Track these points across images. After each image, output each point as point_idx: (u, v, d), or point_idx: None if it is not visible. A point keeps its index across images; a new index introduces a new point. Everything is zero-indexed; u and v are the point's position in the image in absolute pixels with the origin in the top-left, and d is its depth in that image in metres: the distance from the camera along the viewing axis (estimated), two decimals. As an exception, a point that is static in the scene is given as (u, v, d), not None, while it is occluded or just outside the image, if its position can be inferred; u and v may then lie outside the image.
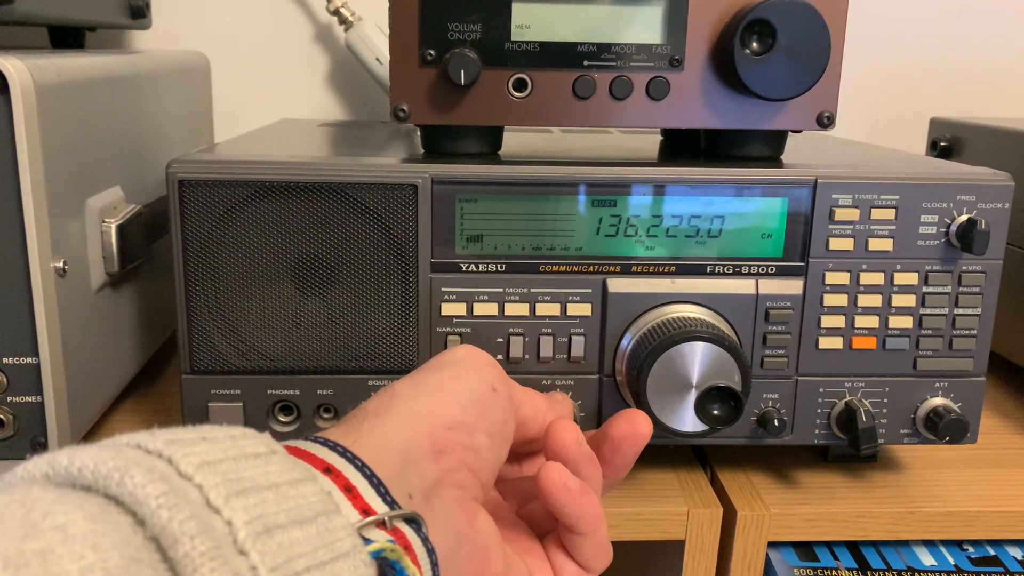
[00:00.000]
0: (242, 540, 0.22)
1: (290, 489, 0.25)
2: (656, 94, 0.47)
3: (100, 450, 0.23)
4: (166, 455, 0.23)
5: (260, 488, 0.24)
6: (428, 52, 0.45)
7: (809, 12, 0.45)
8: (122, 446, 0.24)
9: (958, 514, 0.50)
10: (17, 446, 0.47)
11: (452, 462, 0.32)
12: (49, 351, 0.45)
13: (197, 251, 0.45)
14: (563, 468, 0.36)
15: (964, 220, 0.47)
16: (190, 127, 0.73)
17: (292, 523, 0.24)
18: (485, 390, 0.35)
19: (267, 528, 0.23)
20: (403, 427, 0.32)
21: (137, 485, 0.22)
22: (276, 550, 0.23)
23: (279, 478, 0.25)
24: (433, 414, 0.33)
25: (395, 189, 0.45)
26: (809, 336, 0.48)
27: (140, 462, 0.22)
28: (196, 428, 0.26)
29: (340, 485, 0.28)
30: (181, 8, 0.83)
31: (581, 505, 0.36)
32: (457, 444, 0.33)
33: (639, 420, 0.40)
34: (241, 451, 0.25)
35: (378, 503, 0.28)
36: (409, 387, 0.34)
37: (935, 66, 0.91)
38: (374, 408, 0.33)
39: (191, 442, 0.24)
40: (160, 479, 0.22)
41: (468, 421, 0.34)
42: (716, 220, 0.47)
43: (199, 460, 0.23)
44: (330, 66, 0.86)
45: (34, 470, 0.23)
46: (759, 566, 0.49)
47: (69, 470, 0.23)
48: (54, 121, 0.45)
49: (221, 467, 0.24)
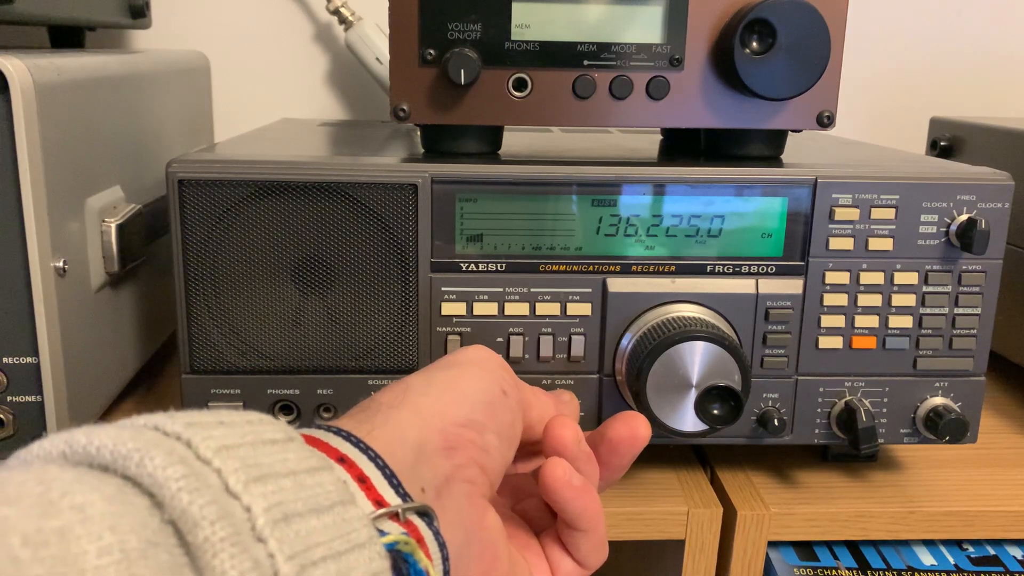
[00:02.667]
0: (260, 527, 0.22)
1: (307, 477, 0.25)
2: (656, 94, 0.47)
3: (119, 430, 0.23)
4: (184, 438, 0.23)
5: (278, 475, 0.24)
6: (428, 52, 0.45)
7: (809, 12, 0.45)
8: (140, 427, 0.23)
9: (958, 514, 0.50)
10: (17, 446, 0.46)
11: (463, 458, 0.33)
12: (49, 351, 0.45)
13: (197, 251, 0.45)
14: (566, 464, 0.36)
15: (964, 220, 0.47)
16: (190, 127, 0.73)
17: (309, 512, 0.24)
18: (496, 392, 0.35)
19: (285, 516, 0.23)
20: (416, 422, 0.32)
21: (157, 467, 0.21)
22: (294, 538, 0.23)
23: (297, 466, 0.25)
24: (445, 411, 0.33)
25: (395, 189, 0.45)
26: (809, 336, 0.48)
27: (159, 444, 0.22)
28: (213, 412, 0.25)
29: (354, 475, 0.28)
30: (181, 8, 0.83)
31: (583, 502, 0.36)
32: (469, 442, 0.33)
33: (638, 423, 0.40)
34: (259, 437, 0.25)
35: (391, 495, 0.28)
36: (422, 383, 0.34)
37: (935, 66, 0.91)
38: (387, 400, 0.33)
39: (210, 426, 0.24)
40: (180, 462, 0.22)
41: (479, 420, 0.34)
42: (716, 220, 0.47)
43: (218, 444, 0.23)
44: (330, 66, 0.86)
45: (51, 448, 0.23)
46: (759, 566, 0.49)
47: (87, 449, 0.22)
48: (54, 121, 0.45)
49: (239, 452, 0.24)
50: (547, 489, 0.36)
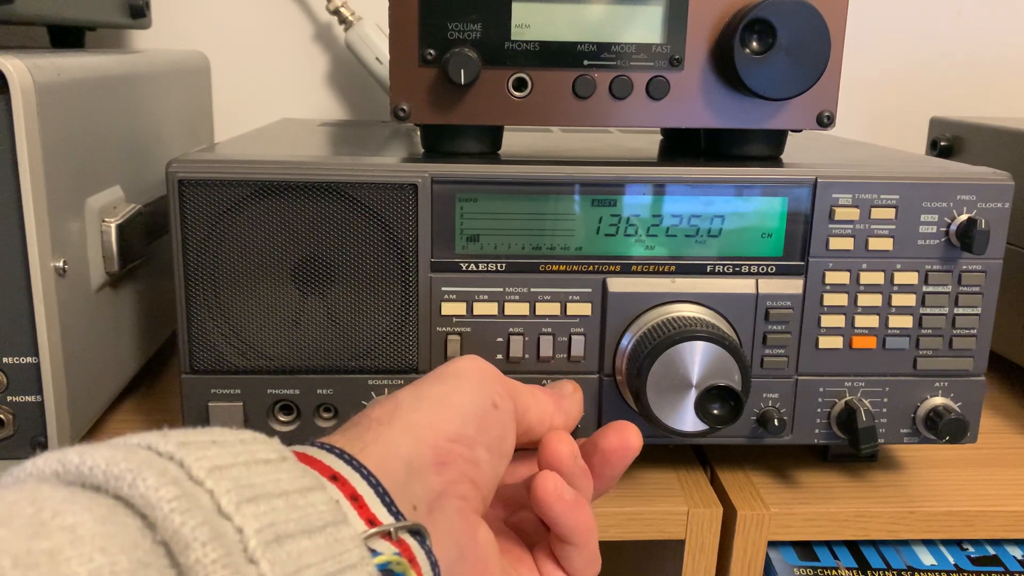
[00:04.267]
0: (252, 548, 0.22)
1: (299, 498, 0.25)
2: (656, 94, 0.47)
3: (112, 450, 0.23)
4: (177, 458, 0.23)
5: (270, 495, 0.24)
6: (428, 51, 0.45)
7: (809, 12, 0.45)
8: (133, 447, 0.24)
9: (958, 514, 0.50)
10: (17, 446, 0.47)
11: (454, 474, 0.32)
12: (49, 351, 0.45)
13: (197, 251, 0.45)
14: (558, 478, 0.36)
15: (964, 220, 0.47)
16: (190, 127, 0.73)
17: (301, 532, 0.24)
18: (486, 405, 0.35)
19: (277, 537, 0.23)
20: (407, 438, 0.32)
21: (149, 488, 0.22)
22: (285, 560, 0.23)
23: (289, 486, 0.25)
24: (435, 425, 0.33)
25: (395, 189, 0.45)
26: (809, 335, 0.48)
27: (152, 464, 0.22)
28: (207, 430, 0.25)
29: (347, 494, 0.28)
30: (181, 8, 0.83)
31: (576, 516, 0.36)
32: (459, 456, 0.33)
33: (630, 434, 0.40)
34: (252, 456, 0.25)
35: (383, 513, 0.28)
36: (412, 397, 0.34)
37: (935, 66, 0.91)
38: (378, 416, 0.33)
39: (202, 445, 0.24)
40: (172, 483, 0.22)
41: (469, 434, 0.33)
42: (716, 220, 0.47)
43: (210, 465, 0.23)
44: (330, 66, 0.86)
45: (43, 467, 0.23)
46: (759, 566, 0.49)
47: (80, 469, 0.22)
48: (54, 121, 0.45)
49: (232, 472, 0.24)
50: (539, 503, 0.35)
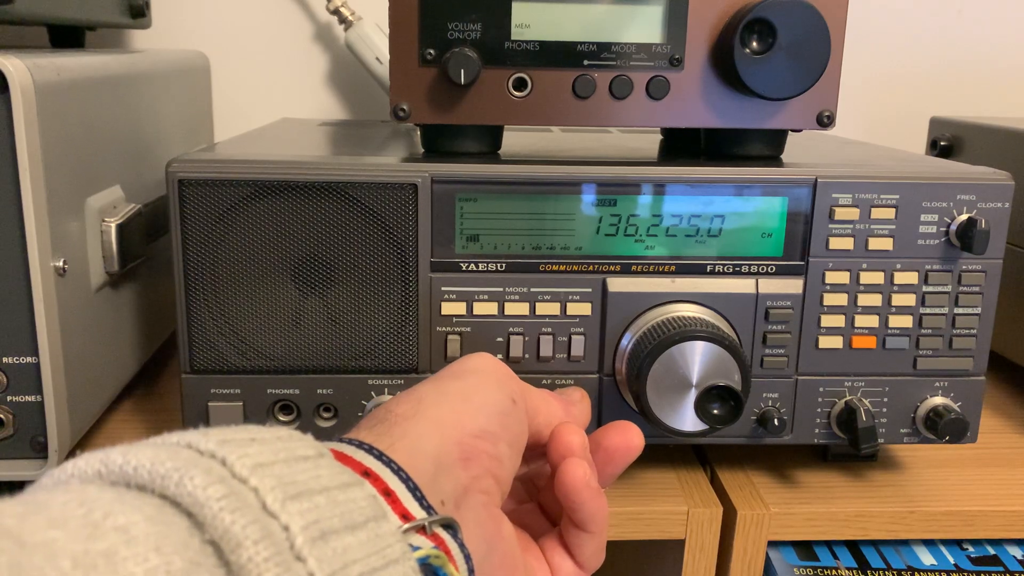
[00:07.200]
0: (299, 546, 0.22)
1: (340, 493, 0.25)
2: (656, 93, 0.47)
3: (155, 449, 0.23)
4: (220, 456, 0.23)
5: (313, 492, 0.24)
6: (428, 51, 0.45)
7: (809, 12, 0.45)
8: (174, 446, 0.23)
9: (958, 513, 0.50)
10: (17, 445, 0.47)
11: (479, 469, 0.32)
12: (49, 350, 0.45)
13: (197, 251, 0.45)
14: (586, 466, 0.36)
15: (964, 219, 0.47)
16: (190, 127, 0.73)
17: (345, 528, 0.24)
18: (507, 402, 0.35)
19: (322, 533, 0.23)
20: (433, 433, 0.32)
21: (197, 487, 0.21)
22: (332, 556, 0.23)
23: (329, 482, 0.25)
24: (460, 422, 0.33)
25: (395, 188, 0.45)
26: (809, 335, 0.48)
27: (197, 463, 0.22)
28: (243, 428, 0.25)
29: (380, 489, 0.28)
30: (181, 8, 0.83)
31: (597, 504, 0.37)
32: (483, 452, 0.33)
33: (632, 433, 0.40)
34: (291, 453, 0.25)
35: (415, 508, 0.28)
36: (435, 393, 0.34)
37: (935, 66, 0.91)
38: (402, 412, 0.33)
39: (243, 443, 0.24)
40: (219, 481, 0.22)
41: (493, 431, 0.34)
42: (716, 219, 0.47)
43: (253, 462, 0.23)
44: (330, 65, 0.86)
45: (85, 467, 0.23)
46: (759, 565, 0.49)
47: (124, 468, 0.22)
48: (54, 121, 0.45)
49: (274, 470, 0.23)
50: (567, 489, 0.36)
